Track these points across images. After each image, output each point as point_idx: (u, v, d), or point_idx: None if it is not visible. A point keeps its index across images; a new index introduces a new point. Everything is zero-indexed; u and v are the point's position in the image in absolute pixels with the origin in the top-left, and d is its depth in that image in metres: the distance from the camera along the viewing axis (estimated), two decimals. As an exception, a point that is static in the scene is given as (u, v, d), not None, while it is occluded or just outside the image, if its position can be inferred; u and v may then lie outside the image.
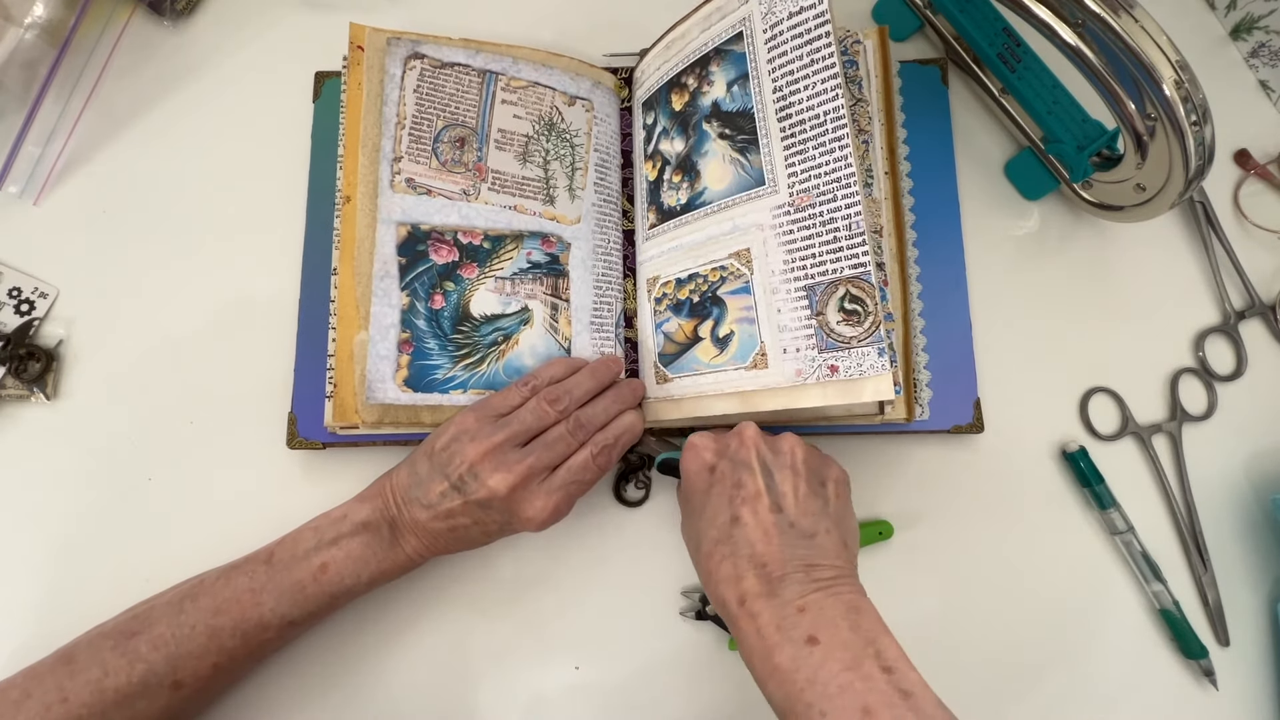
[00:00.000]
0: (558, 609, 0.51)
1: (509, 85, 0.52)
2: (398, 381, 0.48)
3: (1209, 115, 0.42)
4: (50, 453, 0.53)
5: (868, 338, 0.42)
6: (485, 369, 0.49)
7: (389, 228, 0.49)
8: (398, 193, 0.50)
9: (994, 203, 0.55)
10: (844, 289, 0.42)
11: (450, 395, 0.49)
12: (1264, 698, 0.49)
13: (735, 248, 0.47)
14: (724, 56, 0.48)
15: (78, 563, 0.52)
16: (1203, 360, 0.53)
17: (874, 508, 0.52)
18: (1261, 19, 0.54)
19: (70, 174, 0.57)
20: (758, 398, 0.45)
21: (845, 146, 0.43)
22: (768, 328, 0.45)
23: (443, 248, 0.50)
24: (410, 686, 0.50)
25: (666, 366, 0.50)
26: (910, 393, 0.47)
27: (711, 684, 0.50)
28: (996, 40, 0.52)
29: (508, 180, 0.52)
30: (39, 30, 0.55)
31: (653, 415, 0.50)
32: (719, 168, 0.48)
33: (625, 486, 0.52)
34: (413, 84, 0.50)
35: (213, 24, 0.59)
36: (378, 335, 0.48)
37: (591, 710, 0.50)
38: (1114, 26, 0.40)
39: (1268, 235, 0.55)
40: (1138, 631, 0.50)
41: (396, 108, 0.50)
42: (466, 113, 0.51)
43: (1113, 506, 0.50)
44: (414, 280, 0.49)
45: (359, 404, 0.47)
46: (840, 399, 0.42)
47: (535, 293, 0.51)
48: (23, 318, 0.54)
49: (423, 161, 0.50)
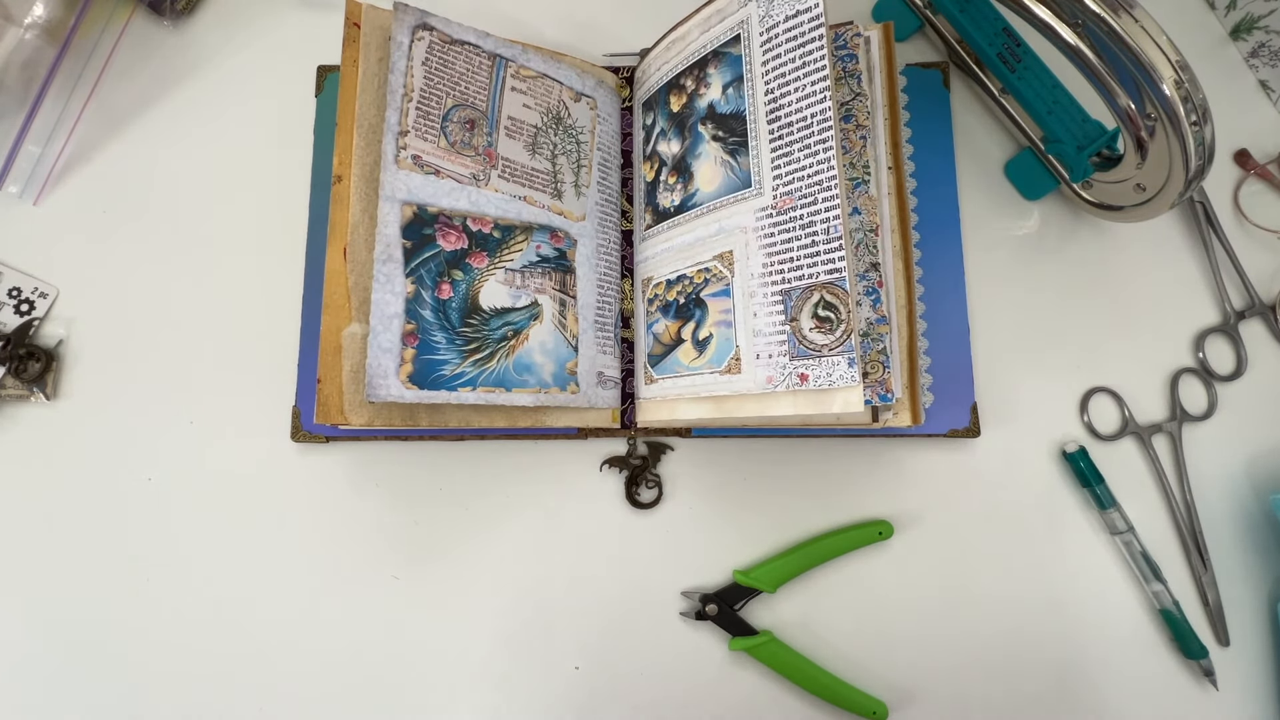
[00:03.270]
0: (558, 609, 0.51)
1: (519, 74, 0.52)
2: (402, 377, 0.45)
3: (1209, 115, 0.42)
4: (50, 453, 0.53)
5: (839, 346, 0.41)
6: (495, 365, 0.48)
7: (393, 206, 0.46)
8: (403, 169, 0.47)
9: (994, 203, 0.55)
10: (819, 295, 0.42)
11: (458, 393, 0.46)
12: (1264, 698, 0.49)
13: (720, 250, 0.47)
14: (721, 59, 0.48)
15: (77, 563, 0.52)
16: (1203, 360, 0.53)
17: (874, 508, 0.52)
18: (1261, 19, 0.54)
19: (70, 174, 0.57)
20: (731, 404, 0.45)
21: (829, 149, 0.42)
22: (743, 332, 0.45)
23: (451, 233, 0.48)
24: (409, 685, 0.50)
25: (654, 368, 0.50)
26: (915, 397, 0.46)
27: (711, 684, 0.50)
28: (996, 40, 0.52)
29: (518, 170, 0.51)
30: (39, 30, 0.55)
31: (642, 416, 0.50)
32: (710, 170, 0.48)
33: (637, 489, 0.52)
34: (421, 55, 0.48)
35: (213, 24, 0.59)
36: (380, 326, 0.45)
37: (592, 711, 0.50)
38: (1114, 26, 0.40)
39: (1268, 235, 0.55)
40: (1138, 631, 0.50)
41: (404, 78, 0.48)
42: (477, 95, 0.50)
43: (1113, 506, 0.50)
44: (420, 266, 0.47)
45: (347, 402, 0.45)
46: (809, 409, 0.42)
47: (544, 287, 0.50)
48: (23, 318, 0.54)
49: (431, 139, 0.48)
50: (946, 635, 0.50)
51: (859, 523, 0.51)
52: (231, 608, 0.51)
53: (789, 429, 0.52)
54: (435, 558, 0.52)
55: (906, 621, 0.51)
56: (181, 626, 0.51)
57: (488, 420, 0.50)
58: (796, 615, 0.51)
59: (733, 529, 0.52)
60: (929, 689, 0.50)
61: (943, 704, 0.50)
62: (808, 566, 0.51)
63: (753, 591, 0.50)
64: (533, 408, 0.50)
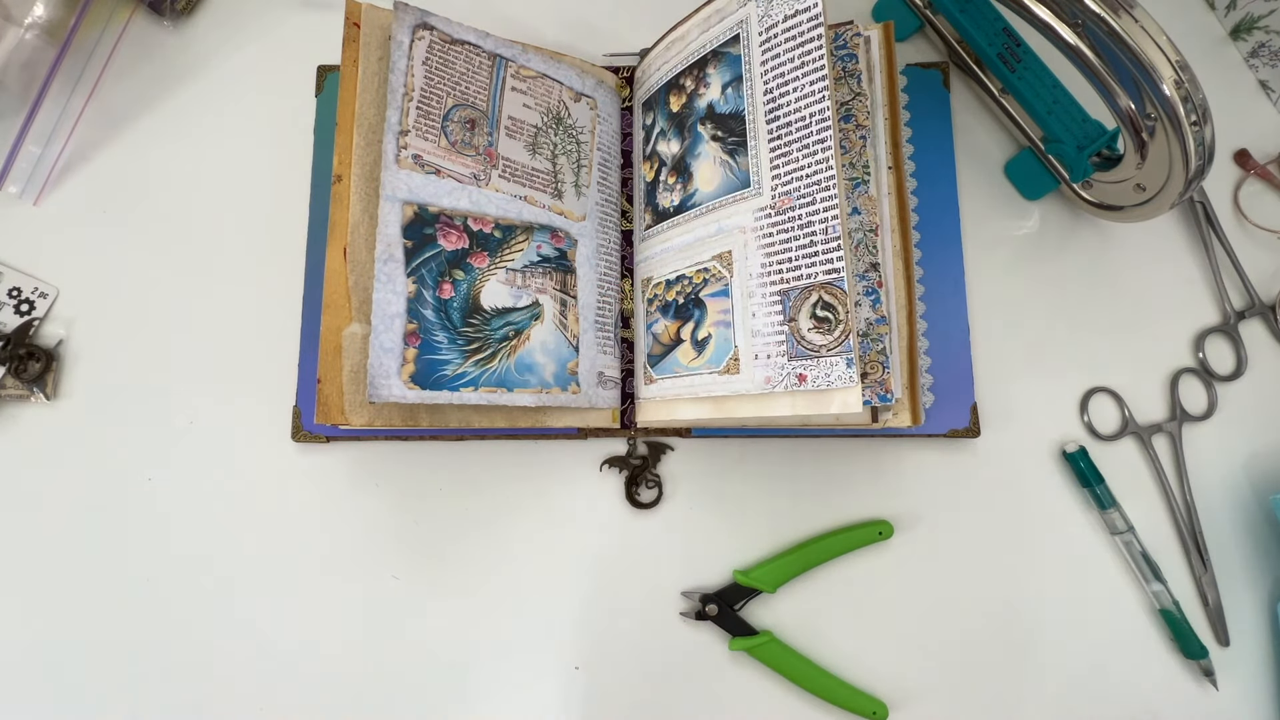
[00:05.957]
0: (558, 609, 0.51)
1: (519, 74, 0.52)
2: (404, 377, 0.45)
3: (1209, 115, 0.42)
4: (50, 453, 0.53)
5: (837, 347, 0.41)
6: (496, 365, 0.48)
7: (394, 206, 0.46)
8: (404, 169, 0.47)
9: (994, 203, 0.55)
10: (817, 295, 0.42)
11: (460, 393, 0.46)
12: (1264, 698, 0.49)
13: (719, 250, 0.47)
14: (721, 59, 0.48)
15: (78, 563, 0.52)
16: (1203, 360, 0.53)
17: (874, 508, 0.52)
18: (1261, 19, 0.54)
19: (70, 174, 0.57)
20: (729, 404, 0.45)
21: (828, 149, 0.42)
22: (742, 332, 0.45)
23: (452, 233, 0.48)
24: (409, 685, 0.50)
25: (653, 368, 0.50)
26: (915, 397, 0.46)
27: (711, 684, 0.50)
28: (996, 40, 0.52)
29: (518, 169, 0.51)
30: (39, 30, 0.55)
31: (642, 416, 0.50)
32: (710, 170, 0.48)
33: (637, 489, 0.52)
34: (421, 55, 0.48)
35: (213, 24, 0.59)
36: (381, 326, 0.45)
37: (591, 710, 0.50)
38: (1114, 26, 0.40)
39: (1268, 235, 0.55)
40: (1138, 631, 0.50)
41: (404, 77, 0.48)
42: (477, 94, 0.50)
43: (1113, 507, 0.50)
44: (421, 266, 0.47)
45: (348, 403, 0.45)
46: (807, 409, 0.42)
47: (545, 287, 0.50)
48: (23, 318, 0.54)
49: (431, 139, 0.48)
50: (946, 635, 0.50)
51: (859, 523, 0.51)
52: (231, 607, 0.51)
53: (789, 429, 0.52)
54: (435, 558, 0.52)
55: (906, 621, 0.51)
56: (181, 626, 0.51)
57: (488, 420, 0.50)
58: (796, 615, 0.51)
59: (733, 529, 0.52)
60: (929, 689, 0.50)
61: (943, 704, 0.50)
62: (808, 566, 0.51)
63: (753, 591, 0.50)
64: (534, 408, 0.50)
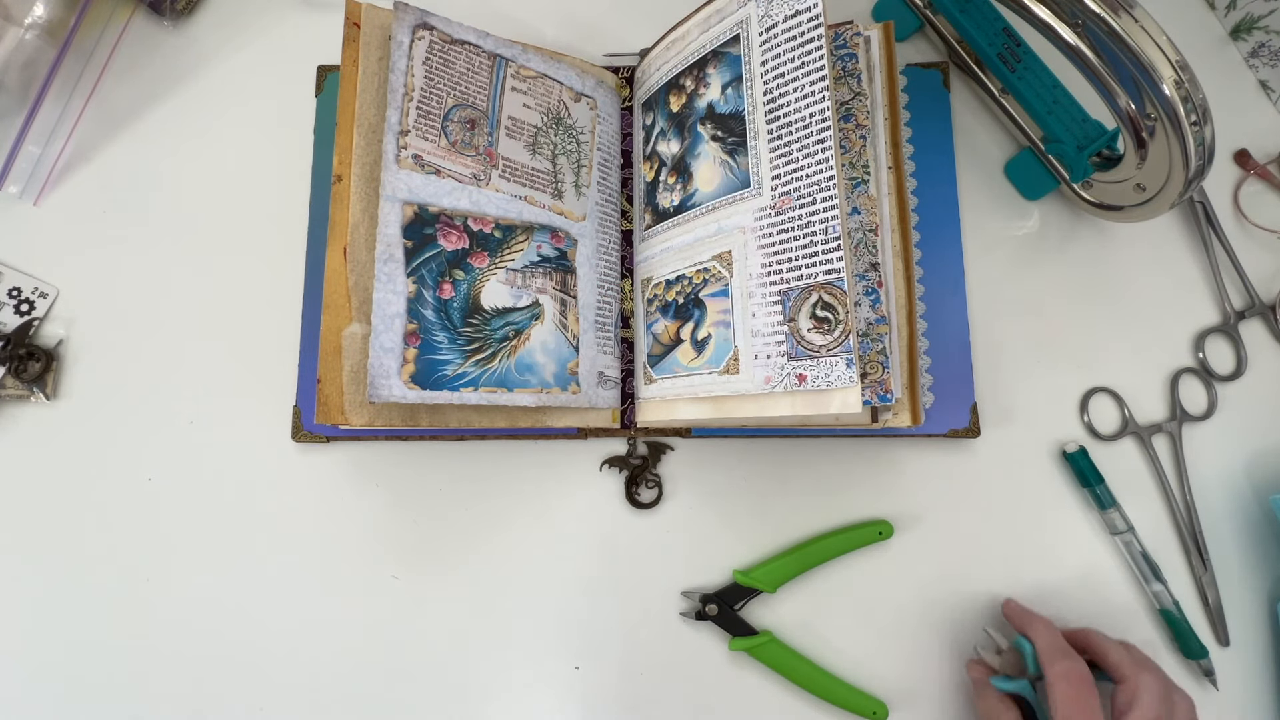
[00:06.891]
0: (558, 609, 0.51)
1: (519, 74, 0.52)
2: (404, 377, 0.45)
3: (1209, 115, 0.42)
4: (50, 453, 0.53)
5: (837, 347, 0.41)
6: (496, 365, 0.48)
7: (394, 206, 0.46)
8: (404, 169, 0.47)
9: (994, 203, 0.55)
10: (816, 295, 0.42)
11: (460, 393, 0.46)
12: (1264, 698, 0.49)
13: (718, 250, 0.47)
14: (721, 59, 0.48)
15: (78, 563, 0.52)
16: (1203, 360, 0.53)
17: (874, 508, 0.52)
18: (1261, 19, 0.54)
19: (70, 174, 0.57)
20: (729, 404, 0.45)
21: (828, 149, 0.42)
22: (741, 332, 0.45)
23: (452, 233, 0.48)
24: (409, 684, 0.50)
25: (653, 368, 0.50)
26: (915, 397, 0.46)
27: (711, 684, 0.50)
28: (996, 40, 0.52)
29: (519, 169, 0.51)
30: (39, 30, 0.55)
31: (642, 416, 0.50)
32: (710, 170, 0.48)
33: (637, 489, 0.52)
34: (421, 55, 0.49)
35: (213, 24, 0.59)
36: (381, 326, 0.45)
37: (591, 710, 0.50)
38: (1114, 26, 0.40)
39: (1268, 235, 0.55)
40: (1138, 631, 0.50)
41: (404, 77, 0.48)
42: (477, 94, 0.50)
43: (1113, 507, 0.50)
44: (421, 266, 0.47)
45: (348, 402, 0.45)
46: (807, 410, 0.42)
47: (545, 287, 0.50)
48: (23, 318, 0.54)
49: (431, 139, 0.48)
50: (947, 635, 0.50)
51: (859, 523, 0.51)
52: (231, 607, 0.51)
53: (789, 429, 0.52)
54: (435, 558, 0.52)
55: (906, 621, 0.51)
56: (181, 626, 0.51)
57: (488, 420, 0.50)
58: (796, 615, 0.51)
59: (733, 529, 0.52)
60: (929, 689, 0.50)
61: (943, 704, 0.50)
62: (808, 566, 0.51)
63: (753, 591, 0.50)
64: (534, 408, 0.50)
